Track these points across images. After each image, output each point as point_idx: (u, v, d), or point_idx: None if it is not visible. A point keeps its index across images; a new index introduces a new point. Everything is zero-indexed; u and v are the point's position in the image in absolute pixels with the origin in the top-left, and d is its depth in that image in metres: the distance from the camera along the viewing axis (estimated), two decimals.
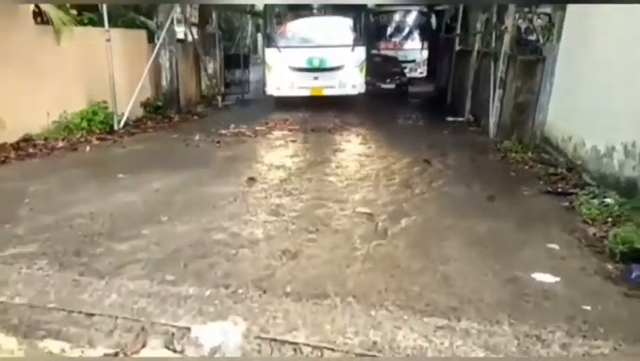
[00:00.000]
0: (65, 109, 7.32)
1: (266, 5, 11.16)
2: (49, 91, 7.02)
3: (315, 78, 10.73)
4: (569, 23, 6.29)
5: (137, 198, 4.21)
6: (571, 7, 6.25)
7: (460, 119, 9.63)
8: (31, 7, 6.61)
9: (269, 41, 11.09)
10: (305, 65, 10.68)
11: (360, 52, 10.92)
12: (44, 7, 6.71)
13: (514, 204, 4.33)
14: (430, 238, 3.50)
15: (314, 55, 10.67)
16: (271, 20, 11.30)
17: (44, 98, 6.95)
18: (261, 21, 15.14)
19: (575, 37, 6.06)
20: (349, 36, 11.01)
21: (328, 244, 3.36)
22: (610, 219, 3.62)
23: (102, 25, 7.47)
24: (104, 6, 7.36)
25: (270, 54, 10.93)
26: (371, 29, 13.18)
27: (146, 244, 3.27)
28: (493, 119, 7.80)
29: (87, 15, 7.90)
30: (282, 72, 10.76)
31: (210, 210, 3.92)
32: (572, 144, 5.63)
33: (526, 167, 5.71)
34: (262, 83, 11.71)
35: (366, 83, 11.20)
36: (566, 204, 4.21)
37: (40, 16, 6.86)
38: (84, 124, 7.43)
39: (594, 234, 3.44)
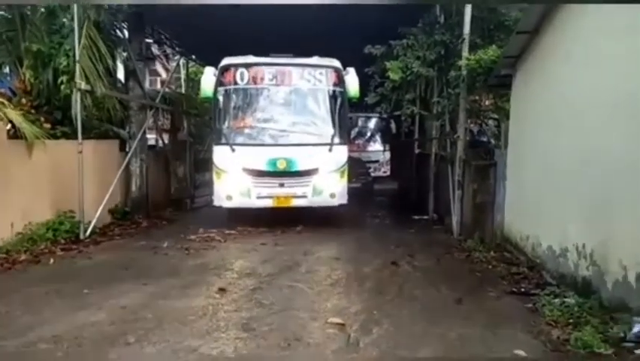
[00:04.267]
0: (31, 220, 7.23)
1: (216, 88, 8.75)
2: (15, 202, 6.97)
3: (281, 185, 8.45)
4: (513, 131, 6.95)
5: (104, 316, 4.07)
6: (513, 117, 6.95)
7: (425, 217, 10.01)
8: (7, 125, 6.79)
9: (217, 137, 8.80)
10: (266, 168, 8.39)
11: (341, 152, 8.79)
12: (19, 123, 6.90)
13: (481, 306, 4.45)
14: (402, 349, 3.52)
15: (279, 155, 8.41)
16: (220, 109, 8.88)
17: (10, 209, 6.88)
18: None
19: (518, 146, 6.67)
20: (326, 131, 8.78)
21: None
22: (571, 320, 3.76)
23: (75, 137, 7.69)
24: (79, 120, 7.64)
25: (220, 154, 8.65)
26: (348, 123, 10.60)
27: None
28: (455, 219, 8.17)
29: (61, 129, 8.13)
30: (235, 177, 8.42)
31: (179, 328, 3.82)
32: (530, 244, 5.93)
33: (490, 266, 5.93)
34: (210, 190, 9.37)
35: None
36: (530, 305, 4.36)
37: (14, 130, 7.03)
38: (49, 234, 7.31)
39: (558, 337, 3.55)
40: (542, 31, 5.85)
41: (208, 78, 8.88)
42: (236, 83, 8.76)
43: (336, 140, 8.71)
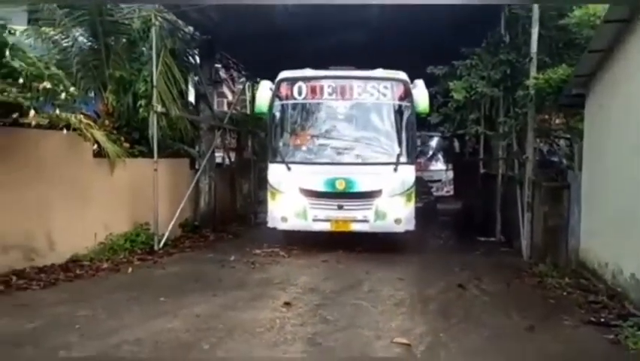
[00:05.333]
0: (111, 231, 7.81)
1: (271, 104, 8.35)
2: (98, 215, 7.57)
3: (340, 207, 7.85)
4: (588, 153, 6.62)
5: (179, 324, 4.31)
6: (587, 138, 6.63)
7: (492, 239, 9.67)
8: (93, 144, 7.39)
9: (273, 155, 8.35)
10: (324, 189, 7.86)
11: (408, 172, 8.06)
12: (103, 142, 7.49)
13: (556, 336, 4.22)
14: None
15: (338, 174, 7.85)
16: (276, 125, 8.48)
17: (93, 221, 7.48)
18: None
19: (594, 168, 6.34)
20: (391, 149, 8.16)
21: None
22: None
23: (151, 155, 8.25)
24: (155, 139, 8.17)
25: (275, 172, 8.22)
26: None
27: None
28: (525, 242, 7.84)
29: (138, 148, 8.73)
30: (290, 197, 7.97)
31: (249, 338, 3.97)
32: (610, 271, 5.57)
33: (565, 293, 5.61)
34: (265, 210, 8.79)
35: None
36: (611, 336, 4.09)
37: (99, 150, 7.64)
38: (127, 245, 7.86)
39: None
40: (616, 50, 5.60)
41: (264, 92, 8.52)
42: (293, 97, 8.32)
43: (403, 159, 8.02)
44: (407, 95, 8.26)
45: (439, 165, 18.10)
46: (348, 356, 3.65)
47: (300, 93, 8.29)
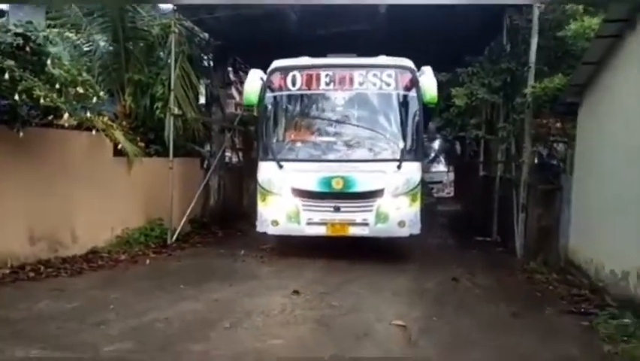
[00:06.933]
0: (128, 225, 8.30)
1: (262, 95, 7.61)
2: (116, 210, 8.04)
3: (336, 209, 7.14)
4: (578, 158, 7.08)
5: (201, 306, 4.86)
6: (579, 144, 7.09)
7: (488, 239, 10.09)
8: (112, 143, 7.88)
9: (263, 152, 7.69)
10: (319, 189, 7.17)
11: (413, 170, 7.36)
12: (123, 142, 7.97)
13: (537, 322, 4.71)
14: (457, 350, 3.92)
15: (334, 172, 7.14)
16: (267, 119, 7.76)
17: (111, 215, 7.95)
18: None
19: (584, 172, 6.80)
20: (395, 144, 7.46)
21: (370, 351, 3.83)
22: (625, 338, 3.95)
23: (165, 155, 8.74)
24: (171, 140, 8.67)
25: (265, 171, 7.51)
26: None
27: (215, 345, 3.87)
28: (519, 241, 8.28)
29: (154, 147, 9.23)
30: (282, 199, 7.30)
31: (265, 319, 4.51)
32: (594, 267, 6.03)
33: (551, 287, 6.07)
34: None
35: None
36: (586, 323, 4.56)
37: (118, 149, 8.13)
38: (142, 239, 8.34)
39: (608, 351, 3.78)
40: (609, 62, 6.04)
41: (253, 83, 7.73)
42: (287, 88, 7.62)
43: (408, 155, 7.28)
44: (413, 84, 7.50)
45: (440, 167, 18.54)
46: (353, 334, 4.14)
47: (294, 84, 7.57)
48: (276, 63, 7.75)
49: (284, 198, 7.31)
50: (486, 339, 4.12)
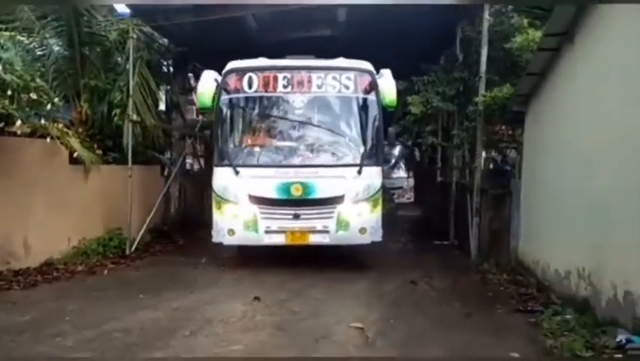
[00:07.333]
0: (85, 235, 8.08)
1: (217, 98, 7.38)
2: (72, 219, 7.82)
3: (295, 216, 6.96)
4: (525, 164, 7.49)
5: (161, 315, 4.83)
6: (525, 151, 7.51)
7: (446, 242, 10.46)
8: (68, 151, 7.69)
9: (218, 157, 7.41)
10: (277, 195, 6.96)
11: (374, 175, 7.28)
12: (79, 149, 7.79)
13: (488, 320, 4.98)
14: (413, 348, 4.11)
15: (293, 178, 6.97)
16: (222, 122, 7.52)
17: (67, 226, 7.73)
18: None
19: (530, 177, 7.20)
20: (354, 148, 7.40)
21: (328, 352, 3.95)
22: (566, 333, 4.25)
23: (124, 162, 8.61)
24: (129, 147, 8.54)
25: (220, 177, 7.24)
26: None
27: (175, 353, 3.87)
28: (473, 244, 8.64)
29: (112, 155, 9.05)
30: (238, 207, 7.03)
31: (225, 326, 4.54)
32: (540, 267, 6.39)
33: (502, 288, 6.40)
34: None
35: None
36: (532, 320, 4.85)
37: (74, 157, 7.93)
38: (100, 249, 8.12)
39: (550, 345, 4.05)
40: (549, 74, 6.45)
41: (207, 85, 7.47)
42: (243, 90, 7.39)
43: (368, 160, 7.18)
44: (373, 87, 7.41)
45: (400, 173, 19.01)
46: (312, 337, 4.25)
47: (250, 86, 7.34)
48: (232, 64, 7.54)
49: (240, 205, 7.05)
50: (440, 337, 4.34)
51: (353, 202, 7.09)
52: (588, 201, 4.97)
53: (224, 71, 7.52)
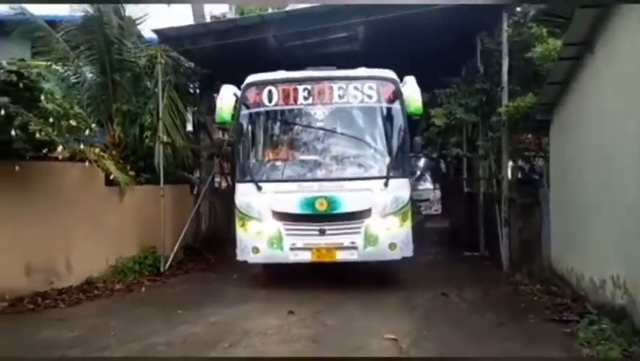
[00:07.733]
0: (121, 254, 8.36)
1: (237, 112, 7.29)
2: (109, 239, 8.10)
3: (321, 232, 6.73)
4: (554, 172, 7.44)
5: (200, 329, 5.01)
6: (553, 159, 7.46)
7: (476, 253, 10.36)
8: (104, 173, 8.03)
9: (240, 173, 7.34)
10: (302, 211, 6.76)
11: (401, 187, 7.00)
12: (114, 172, 8.12)
13: (521, 330, 4.96)
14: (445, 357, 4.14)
15: (317, 193, 6.73)
16: (243, 137, 7.43)
17: (105, 245, 8.01)
18: None
19: (559, 184, 7.15)
20: (380, 160, 7.13)
21: None
22: (602, 341, 4.21)
23: (156, 182, 8.91)
24: (161, 168, 8.85)
25: (243, 194, 7.12)
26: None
27: None
28: (504, 254, 8.56)
29: (144, 176, 9.38)
30: (262, 223, 6.89)
31: (263, 338, 4.69)
32: (575, 277, 6.31)
33: (535, 298, 6.33)
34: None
35: None
36: (568, 330, 4.81)
37: (110, 179, 8.26)
38: (136, 267, 8.37)
39: (587, 354, 4.03)
40: (572, 82, 6.46)
41: (226, 99, 7.38)
42: (263, 104, 7.27)
43: (394, 171, 6.90)
44: (397, 95, 7.18)
45: (426, 185, 18.94)
46: (346, 349, 4.33)
47: (270, 99, 7.21)
48: (251, 78, 7.40)
49: (264, 222, 6.85)
50: (472, 347, 4.35)
51: (381, 216, 6.79)
52: (621, 208, 4.93)
53: (243, 85, 7.42)
